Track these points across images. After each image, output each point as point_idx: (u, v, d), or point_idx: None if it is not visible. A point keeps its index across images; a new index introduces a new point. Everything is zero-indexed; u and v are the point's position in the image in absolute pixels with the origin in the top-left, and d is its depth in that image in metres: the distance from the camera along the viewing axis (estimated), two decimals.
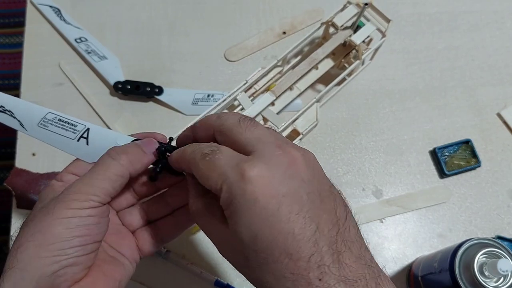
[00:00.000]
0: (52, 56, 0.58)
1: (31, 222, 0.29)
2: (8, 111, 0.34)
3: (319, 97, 0.51)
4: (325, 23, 0.53)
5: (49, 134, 0.34)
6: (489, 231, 0.52)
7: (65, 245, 0.28)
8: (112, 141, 0.34)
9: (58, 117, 0.34)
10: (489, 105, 0.58)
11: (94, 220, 0.29)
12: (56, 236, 0.28)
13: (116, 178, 0.31)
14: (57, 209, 0.29)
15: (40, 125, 0.34)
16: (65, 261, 0.28)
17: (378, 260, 0.53)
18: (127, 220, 0.35)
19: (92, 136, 0.34)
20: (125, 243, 0.34)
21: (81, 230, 0.29)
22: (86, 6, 0.62)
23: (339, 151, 0.55)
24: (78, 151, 0.34)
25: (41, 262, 0.27)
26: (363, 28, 0.53)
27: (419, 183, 0.54)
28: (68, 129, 0.34)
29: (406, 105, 0.58)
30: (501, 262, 0.36)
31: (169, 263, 0.50)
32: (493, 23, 0.62)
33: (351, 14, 0.52)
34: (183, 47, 0.60)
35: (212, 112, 0.49)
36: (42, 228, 0.28)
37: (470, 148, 0.55)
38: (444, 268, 0.40)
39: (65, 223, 0.28)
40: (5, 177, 1.15)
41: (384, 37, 0.54)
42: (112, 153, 0.32)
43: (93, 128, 0.35)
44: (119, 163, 0.31)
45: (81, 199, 0.29)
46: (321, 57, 0.52)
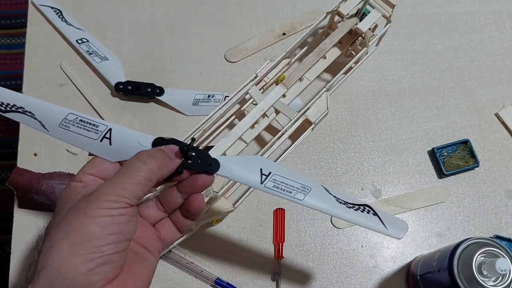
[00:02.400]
0: (54, 57, 0.59)
1: (63, 222, 0.29)
2: (29, 112, 0.35)
3: (329, 86, 0.52)
4: (330, 12, 0.54)
5: (71, 134, 0.35)
6: (487, 231, 0.53)
7: (100, 242, 0.29)
8: (135, 141, 0.35)
9: (79, 117, 0.35)
10: (487, 106, 0.58)
11: (125, 219, 0.30)
12: (91, 234, 0.28)
13: (145, 182, 0.31)
14: (90, 209, 0.29)
15: (61, 126, 0.35)
16: (99, 259, 0.28)
17: (377, 260, 0.54)
18: (146, 213, 0.36)
19: (115, 136, 0.35)
20: (149, 235, 0.35)
21: (114, 228, 0.29)
22: (87, 7, 0.62)
23: (338, 151, 0.56)
24: (101, 151, 0.35)
25: (76, 259, 0.28)
26: (369, 15, 0.53)
27: (418, 183, 0.55)
28: (90, 129, 0.35)
29: (405, 106, 0.58)
30: (499, 262, 0.36)
31: (170, 262, 0.50)
32: (492, 24, 0.62)
33: (356, 2, 0.53)
34: (183, 48, 0.60)
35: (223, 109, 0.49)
36: (76, 227, 0.29)
37: (469, 148, 0.55)
38: (443, 267, 0.40)
39: (99, 221, 0.29)
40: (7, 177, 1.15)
41: (390, 23, 0.54)
42: (142, 157, 0.32)
43: (114, 128, 0.35)
44: (148, 168, 0.32)
45: (112, 200, 0.30)
46: (329, 47, 0.53)
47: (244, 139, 0.50)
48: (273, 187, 0.35)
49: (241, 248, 0.51)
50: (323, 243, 0.52)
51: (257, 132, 0.51)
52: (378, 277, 0.51)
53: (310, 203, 0.36)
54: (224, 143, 0.47)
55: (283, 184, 0.36)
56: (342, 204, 0.37)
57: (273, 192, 0.35)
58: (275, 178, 0.36)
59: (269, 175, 0.36)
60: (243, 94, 0.49)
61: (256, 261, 0.51)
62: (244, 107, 0.54)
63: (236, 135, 0.48)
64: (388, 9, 0.53)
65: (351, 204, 0.37)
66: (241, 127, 0.48)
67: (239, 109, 0.54)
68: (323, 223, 0.53)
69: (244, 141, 0.50)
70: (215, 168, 0.35)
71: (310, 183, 0.36)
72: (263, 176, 0.36)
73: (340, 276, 0.51)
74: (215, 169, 0.35)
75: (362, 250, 0.52)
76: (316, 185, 0.37)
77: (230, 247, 0.51)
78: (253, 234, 0.52)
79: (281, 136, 0.50)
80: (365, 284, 0.51)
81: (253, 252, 0.51)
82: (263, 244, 0.52)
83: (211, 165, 0.35)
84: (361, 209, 0.37)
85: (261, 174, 0.36)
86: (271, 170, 0.36)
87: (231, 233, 0.52)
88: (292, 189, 0.36)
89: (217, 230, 0.52)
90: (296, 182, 0.36)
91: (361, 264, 0.51)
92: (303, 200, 0.36)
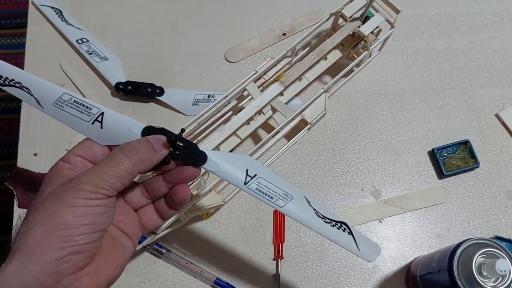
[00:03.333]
0: (54, 57, 0.59)
1: (41, 207, 0.30)
2: (26, 88, 0.35)
3: (327, 87, 0.52)
4: (334, 13, 0.53)
5: (64, 114, 0.35)
6: (487, 232, 0.53)
7: (73, 232, 0.29)
8: (125, 127, 0.35)
9: (74, 98, 0.35)
10: (487, 106, 0.58)
11: (101, 210, 0.31)
12: (65, 223, 0.29)
13: (125, 175, 0.32)
14: (67, 197, 0.30)
15: (56, 105, 0.35)
16: (71, 248, 0.29)
17: (377, 261, 0.54)
18: (130, 198, 0.36)
19: (106, 120, 0.35)
20: (129, 220, 0.35)
21: (88, 218, 0.30)
22: (88, 7, 0.62)
23: (338, 152, 0.56)
24: (92, 133, 0.35)
25: (48, 246, 0.28)
26: (371, 19, 0.53)
27: (418, 183, 0.55)
28: (83, 111, 0.35)
29: (405, 106, 0.58)
30: (499, 262, 0.36)
31: (170, 262, 0.50)
32: (492, 24, 0.62)
33: (360, 5, 0.52)
34: (184, 48, 0.60)
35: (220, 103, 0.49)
36: (52, 214, 0.29)
37: (469, 149, 0.55)
38: (443, 268, 0.40)
39: (74, 211, 0.29)
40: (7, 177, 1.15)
41: (393, 28, 0.54)
42: (125, 149, 0.32)
43: (107, 112, 0.35)
44: (130, 161, 0.32)
45: (90, 190, 0.30)
46: (330, 48, 0.52)
47: (239, 134, 0.50)
48: (256, 189, 0.35)
49: (241, 248, 0.51)
50: (323, 244, 0.52)
51: (253, 128, 0.51)
52: (378, 278, 0.51)
53: (289, 211, 0.36)
54: (218, 136, 0.47)
55: (267, 188, 0.36)
56: (320, 218, 0.37)
57: (254, 194, 0.35)
58: (260, 181, 0.36)
59: (254, 177, 0.36)
60: (241, 90, 0.49)
61: (256, 261, 0.51)
62: (242, 104, 0.53)
63: (230, 129, 0.48)
64: (393, 14, 0.53)
65: (328, 220, 0.37)
66: (235, 122, 0.48)
67: (237, 105, 0.53)
68: None
69: (239, 137, 0.50)
70: (202, 161, 0.35)
71: (293, 192, 0.36)
72: (248, 177, 0.35)
73: (340, 277, 0.51)
74: (202, 162, 0.35)
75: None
76: (299, 195, 0.37)
77: (230, 247, 0.51)
78: (253, 234, 0.52)
79: (276, 134, 0.50)
80: (364, 285, 0.50)
81: (253, 252, 0.51)
82: (263, 244, 0.52)
83: (198, 157, 0.35)
84: (338, 226, 0.38)
85: (246, 174, 0.35)
86: (257, 172, 0.36)
87: (231, 233, 0.52)
88: (274, 195, 0.36)
89: (217, 230, 0.52)
90: (279, 189, 0.36)
91: (360, 265, 0.51)
92: (283, 207, 0.36)
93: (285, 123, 0.50)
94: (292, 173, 0.55)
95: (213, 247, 0.51)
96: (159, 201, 0.36)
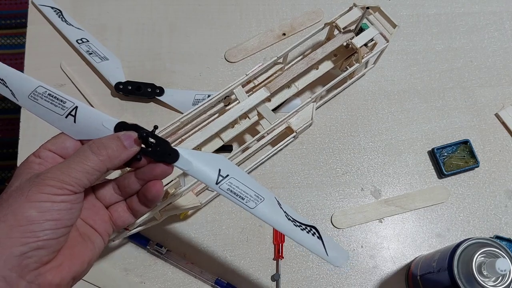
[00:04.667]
0: (54, 57, 0.59)
1: (5, 202, 0.30)
2: (1, 80, 0.35)
3: (315, 97, 0.52)
4: (329, 23, 0.53)
5: (38, 107, 0.35)
6: (487, 231, 0.53)
7: (36, 227, 0.29)
8: (98, 122, 0.35)
9: (48, 91, 0.35)
10: (487, 106, 0.58)
11: (66, 206, 0.30)
12: (28, 219, 0.29)
13: (93, 172, 0.31)
14: (32, 192, 0.29)
15: (30, 97, 0.35)
16: (34, 243, 0.29)
17: (377, 260, 0.54)
18: (101, 194, 0.36)
19: (80, 114, 0.35)
20: (99, 217, 0.35)
21: (53, 214, 0.29)
22: (88, 7, 0.62)
23: (338, 152, 0.56)
24: (65, 127, 0.35)
25: (10, 242, 0.28)
26: (365, 32, 0.52)
27: (418, 183, 0.55)
28: (57, 104, 0.35)
29: (405, 106, 0.58)
30: (499, 262, 0.36)
31: (169, 262, 0.50)
32: (492, 24, 0.62)
33: (355, 17, 0.52)
34: (183, 48, 0.60)
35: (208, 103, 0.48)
36: (15, 209, 0.29)
37: (469, 149, 0.55)
38: (443, 267, 0.41)
39: (38, 206, 0.29)
40: (7, 177, 1.15)
41: (387, 43, 0.53)
42: (93, 146, 0.32)
43: (81, 106, 0.35)
44: (98, 158, 0.32)
45: (55, 186, 0.30)
46: (320, 57, 0.52)
47: (222, 137, 0.50)
48: (227, 189, 0.35)
49: (241, 248, 0.51)
50: None
51: (236, 132, 0.50)
52: (378, 277, 0.51)
53: (259, 213, 0.35)
54: (198, 137, 0.47)
55: (238, 189, 0.35)
56: (290, 221, 0.37)
57: (225, 194, 0.35)
58: (231, 182, 0.35)
59: (226, 177, 0.35)
60: (228, 92, 0.49)
61: (256, 261, 0.51)
62: (230, 107, 0.52)
63: (211, 131, 0.47)
64: (390, 29, 0.52)
65: (299, 223, 0.37)
66: (217, 124, 0.48)
67: (223, 107, 0.53)
68: (323, 224, 0.53)
69: (222, 139, 0.50)
70: (174, 158, 0.34)
71: (264, 194, 0.36)
72: (220, 177, 0.35)
73: (340, 277, 0.51)
74: (174, 159, 0.34)
75: (362, 250, 0.52)
76: (270, 197, 0.36)
77: (230, 247, 0.51)
78: (253, 234, 0.52)
79: (260, 139, 0.50)
80: (365, 285, 0.51)
81: (253, 252, 0.51)
82: (263, 244, 0.52)
83: (169, 155, 0.34)
84: (307, 229, 0.37)
85: (218, 174, 0.35)
86: (229, 173, 0.35)
87: (231, 233, 0.52)
88: (245, 196, 0.35)
89: (217, 230, 0.52)
90: (251, 190, 0.36)
91: (361, 264, 0.51)
92: (253, 208, 0.35)
93: (269, 129, 0.50)
94: (292, 173, 0.55)
95: (213, 247, 0.51)
96: (131, 198, 0.36)
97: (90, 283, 0.49)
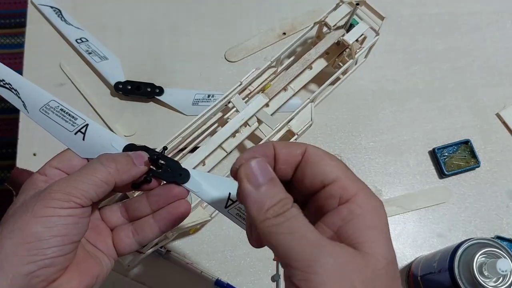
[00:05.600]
0: (53, 56, 0.59)
1: (11, 218, 0.29)
2: (14, 90, 0.35)
3: (313, 97, 0.51)
4: (318, 22, 0.53)
5: (48, 121, 0.34)
6: (488, 231, 0.52)
7: (43, 244, 0.28)
8: (108, 142, 0.34)
9: (61, 106, 0.35)
10: (488, 106, 0.58)
11: (73, 220, 0.29)
12: (34, 235, 0.28)
13: (100, 184, 0.31)
14: (37, 207, 0.28)
15: (41, 111, 0.34)
16: (41, 261, 0.28)
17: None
18: (107, 216, 0.35)
19: (90, 132, 0.34)
20: (101, 238, 0.34)
21: (60, 230, 0.28)
22: (87, 6, 0.62)
23: (339, 151, 0.56)
24: (73, 144, 0.34)
25: (17, 260, 0.27)
26: (355, 27, 0.52)
27: (419, 183, 0.54)
28: (68, 120, 0.34)
29: (406, 106, 0.58)
30: (500, 262, 0.36)
31: (170, 263, 0.50)
32: (494, 23, 0.62)
33: (344, 13, 0.52)
34: (183, 47, 0.60)
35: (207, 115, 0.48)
36: (21, 226, 0.28)
37: (470, 149, 0.55)
38: (444, 268, 0.40)
39: (44, 221, 0.28)
40: (6, 177, 1.15)
41: (378, 35, 0.53)
42: (102, 159, 0.32)
43: (92, 125, 0.35)
44: (107, 170, 0.31)
45: (62, 199, 0.29)
46: (314, 57, 0.52)
47: (225, 148, 0.50)
48: (236, 214, 0.34)
49: (241, 248, 0.51)
50: None
51: (238, 141, 0.50)
52: None
53: None
54: (203, 150, 0.47)
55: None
56: None
57: (233, 219, 0.34)
58: (241, 206, 0.34)
59: (236, 202, 0.34)
60: (225, 102, 0.49)
61: (256, 262, 0.51)
62: (228, 115, 0.52)
63: (215, 143, 0.47)
64: (378, 21, 0.52)
65: None
66: (220, 135, 0.48)
67: (222, 117, 0.52)
68: None
69: (225, 150, 0.50)
70: (185, 178, 0.34)
71: None
72: (229, 201, 0.34)
73: None
74: (185, 179, 0.34)
75: None
76: None
77: (230, 247, 0.51)
78: None
79: None
80: None
81: (253, 252, 0.51)
82: None
83: (181, 175, 0.34)
84: None
85: (228, 198, 0.34)
86: None
87: (231, 233, 0.52)
88: None
89: (217, 230, 0.52)
90: None
91: None
92: None
93: (271, 135, 0.50)
94: None
95: (213, 248, 0.51)
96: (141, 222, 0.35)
97: None
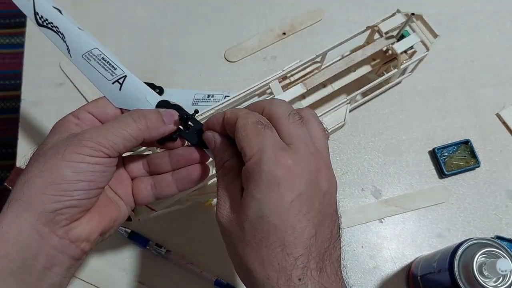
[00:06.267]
0: (53, 56, 0.59)
1: (41, 158, 0.30)
2: (61, 33, 0.36)
3: (349, 98, 0.51)
4: (370, 27, 0.52)
5: (89, 67, 0.36)
6: (488, 231, 0.53)
7: (71, 187, 0.29)
8: (143, 96, 0.35)
9: (103, 55, 0.36)
10: (488, 106, 0.58)
11: (100, 168, 0.31)
12: (63, 178, 0.29)
13: (130, 139, 0.32)
14: (68, 152, 0.30)
15: (84, 57, 0.36)
16: (67, 202, 0.29)
17: (377, 261, 0.54)
18: (130, 166, 0.36)
19: (126, 84, 0.36)
20: (122, 186, 0.35)
21: (87, 175, 0.30)
22: (87, 6, 0.62)
23: (338, 151, 0.56)
24: (109, 92, 0.35)
25: (45, 198, 0.29)
26: (406, 38, 0.52)
27: (418, 183, 0.54)
28: (108, 69, 0.36)
29: (406, 106, 0.58)
30: (500, 262, 0.36)
31: (169, 263, 0.50)
32: (493, 24, 0.62)
33: (398, 22, 0.51)
34: (183, 47, 0.60)
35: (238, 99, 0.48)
36: (51, 167, 0.29)
37: (469, 149, 0.55)
38: (443, 268, 0.40)
39: (73, 166, 0.30)
40: (6, 177, 1.15)
41: (427, 51, 0.52)
42: (134, 114, 0.33)
43: (130, 77, 0.36)
44: (137, 126, 0.32)
45: (92, 147, 0.30)
46: (359, 59, 0.51)
47: None
48: None
49: None
50: None
51: None
52: (378, 278, 0.51)
53: None
54: None
55: None
56: None
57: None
58: None
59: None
60: (263, 86, 0.49)
61: None
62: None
63: None
64: (430, 38, 0.52)
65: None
66: None
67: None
68: None
69: None
70: None
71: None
72: None
73: None
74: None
75: (362, 250, 0.52)
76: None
77: None
78: None
79: None
80: (365, 285, 0.50)
81: None
82: None
83: None
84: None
85: None
86: None
87: None
88: None
89: (217, 230, 0.52)
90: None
91: (361, 264, 0.51)
92: None
93: None
94: None
95: (213, 247, 0.51)
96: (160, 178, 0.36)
97: (90, 283, 0.49)
